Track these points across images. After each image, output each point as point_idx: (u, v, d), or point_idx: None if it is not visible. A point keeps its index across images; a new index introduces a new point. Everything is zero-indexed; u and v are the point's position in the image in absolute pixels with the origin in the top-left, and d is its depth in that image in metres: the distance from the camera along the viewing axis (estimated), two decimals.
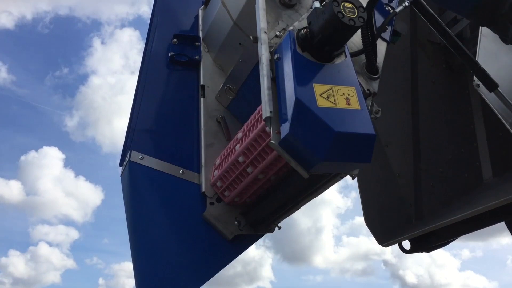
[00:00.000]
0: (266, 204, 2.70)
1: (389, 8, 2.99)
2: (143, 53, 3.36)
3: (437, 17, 2.87)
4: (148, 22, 3.53)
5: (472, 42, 3.79)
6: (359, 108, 2.01)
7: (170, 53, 3.29)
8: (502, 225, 3.68)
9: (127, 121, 3.11)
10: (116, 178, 3.11)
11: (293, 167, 2.04)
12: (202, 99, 3.15)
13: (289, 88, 2.02)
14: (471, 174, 3.93)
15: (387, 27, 2.86)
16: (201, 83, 3.21)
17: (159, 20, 3.47)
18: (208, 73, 3.28)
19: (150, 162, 2.90)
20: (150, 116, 3.11)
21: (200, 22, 3.54)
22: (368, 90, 2.50)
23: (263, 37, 2.28)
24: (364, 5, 2.12)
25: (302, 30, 2.16)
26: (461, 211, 3.21)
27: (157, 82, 3.25)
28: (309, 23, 2.15)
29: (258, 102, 2.21)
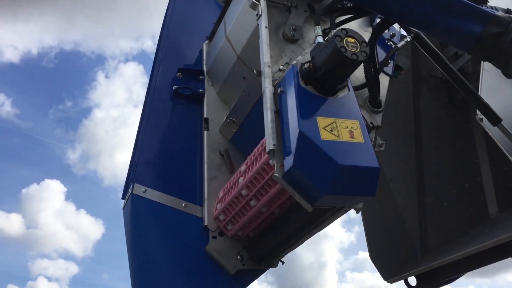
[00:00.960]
0: (269, 238, 2.67)
1: (391, 43, 3.06)
2: (147, 87, 3.41)
3: (439, 52, 2.91)
4: (152, 56, 3.59)
5: (474, 76, 3.82)
6: (363, 141, 2.02)
7: (174, 87, 3.33)
8: (509, 261, 3.62)
9: (130, 154, 3.11)
10: (117, 211, 3.09)
11: (297, 200, 2.03)
12: (205, 132, 3.16)
13: (292, 121, 2.03)
14: (476, 209, 3.89)
15: (389, 61, 2.92)
16: (205, 116, 3.23)
17: (164, 54, 3.52)
18: (212, 106, 3.30)
19: (153, 195, 2.88)
20: (153, 149, 3.11)
21: (204, 57, 3.60)
22: (371, 123, 2.52)
23: (266, 71, 2.31)
24: (367, 40, 2.16)
25: (305, 64, 2.19)
26: (467, 246, 3.16)
27: (161, 115, 3.27)
28: (312, 57, 2.18)
29: (262, 135, 2.22)
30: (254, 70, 2.38)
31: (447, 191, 4.00)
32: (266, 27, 2.49)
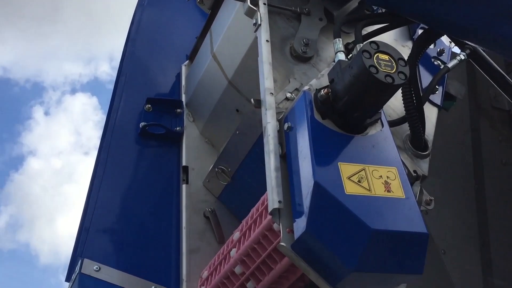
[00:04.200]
0: None
1: (439, 62, 3.09)
2: (104, 125, 3.45)
3: (506, 76, 2.93)
4: (109, 85, 3.70)
5: None
6: (404, 197, 2.01)
7: (142, 124, 3.37)
8: None
9: (78, 219, 3.11)
10: None
11: (312, 281, 1.99)
12: (184, 186, 3.18)
13: (305, 168, 2.03)
14: None
15: (437, 87, 2.94)
16: (184, 163, 3.26)
17: (128, 79, 3.59)
18: (193, 150, 3.34)
19: (110, 275, 2.87)
20: (111, 210, 3.13)
21: (183, 82, 3.66)
22: (414, 172, 2.52)
23: (268, 100, 2.32)
24: (406, 57, 2.18)
25: (322, 91, 2.19)
26: None
27: (123, 163, 3.32)
28: (331, 81, 2.19)
29: (262, 189, 2.21)
30: (252, 100, 2.40)
31: None
32: (267, 40, 2.52)
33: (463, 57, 2.80)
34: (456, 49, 3.05)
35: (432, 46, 3.00)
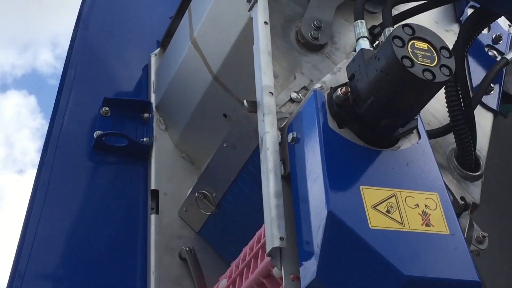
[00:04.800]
0: None
1: (495, 53, 3.09)
2: (46, 134, 3.46)
3: None
4: (53, 81, 3.70)
5: None
6: (448, 233, 2.01)
7: (97, 133, 3.38)
8: None
9: (10, 261, 3.10)
10: None
11: None
12: (153, 217, 3.19)
13: (315, 194, 2.03)
14: None
15: (492, 86, 2.94)
16: (153, 187, 3.28)
17: (79, 73, 3.60)
18: (166, 169, 3.37)
19: None
20: (54, 249, 3.14)
21: (153, 77, 3.69)
22: (462, 199, 2.52)
23: (267, 103, 2.33)
24: (450, 46, 2.18)
25: (339, 90, 2.19)
26: None
27: (71, 186, 3.32)
28: (352, 77, 2.19)
29: (259, 221, 2.24)
30: (244, 101, 2.40)
31: None
32: (266, 22, 2.53)
33: None
34: None
35: (485, 31, 3.00)
